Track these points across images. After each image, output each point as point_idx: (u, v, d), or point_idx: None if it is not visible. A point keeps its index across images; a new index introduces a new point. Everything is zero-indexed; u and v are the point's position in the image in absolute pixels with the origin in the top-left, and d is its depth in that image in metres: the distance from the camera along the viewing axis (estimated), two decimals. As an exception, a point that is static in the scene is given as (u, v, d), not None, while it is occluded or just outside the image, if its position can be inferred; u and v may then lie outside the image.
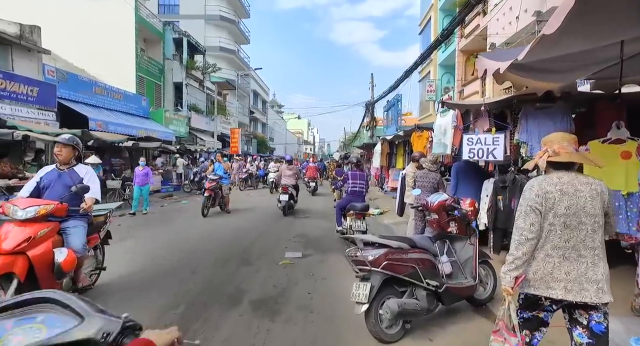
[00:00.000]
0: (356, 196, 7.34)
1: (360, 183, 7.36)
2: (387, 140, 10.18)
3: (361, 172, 7.58)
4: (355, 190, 7.33)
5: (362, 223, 6.94)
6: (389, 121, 24.46)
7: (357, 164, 7.57)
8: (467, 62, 16.68)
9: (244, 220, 9.55)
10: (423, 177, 6.48)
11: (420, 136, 7.29)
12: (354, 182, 7.32)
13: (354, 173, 7.39)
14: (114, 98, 17.57)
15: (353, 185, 7.30)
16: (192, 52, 24.76)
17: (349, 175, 7.36)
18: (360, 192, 7.39)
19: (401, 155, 9.55)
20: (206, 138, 24.49)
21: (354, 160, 7.56)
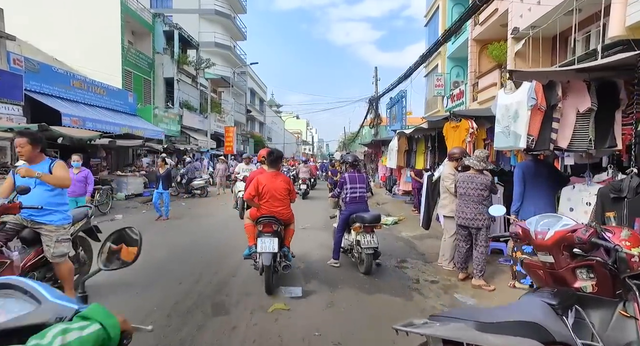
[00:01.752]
0: (358, 203, 5.46)
1: (360, 187, 5.47)
2: (405, 135, 8.18)
3: (360, 174, 5.65)
4: (355, 196, 5.42)
5: (373, 239, 5.09)
6: (392, 119, 22.63)
7: (353, 164, 5.64)
8: (482, 52, 14.82)
9: (227, 231, 7.66)
10: (467, 180, 4.61)
11: (456, 127, 5.41)
12: (352, 186, 5.40)
13: (352, 176, 5.45)
14: (95, 93, 15.64)
15: (352, 190, 5.39)
16: (185, 46, 22.83)
17: (346, 178, 5.39)
18: (362, 198, 5.51)
19: (422, 153, 7.67)
20: (199, 137, 22.57)
21: (349, 159, 5.63)
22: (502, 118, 3.63)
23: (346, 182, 5.47)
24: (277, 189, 4.50)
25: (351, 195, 5.46)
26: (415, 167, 7.90)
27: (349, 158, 5.67)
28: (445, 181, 4.99)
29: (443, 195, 5.11)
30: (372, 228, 5.17)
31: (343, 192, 5.53)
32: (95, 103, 15.40)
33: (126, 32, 19.10)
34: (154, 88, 20.75)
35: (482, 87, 13.78)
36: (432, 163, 7.49)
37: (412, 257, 5.84)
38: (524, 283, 4.04)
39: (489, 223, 4.50)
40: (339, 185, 5.59)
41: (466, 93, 15.47)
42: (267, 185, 4.49)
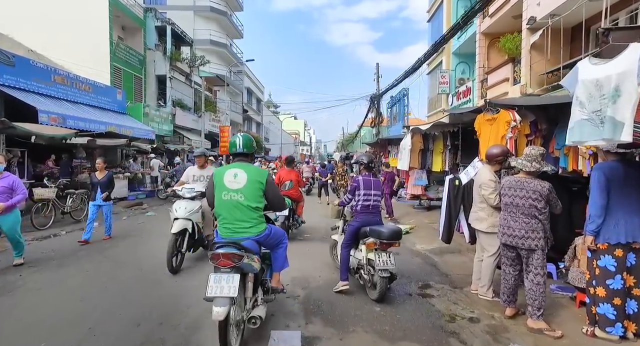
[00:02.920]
0: (371, 213, 4.36)
1: (375, 194, 4.36)
2: (420, 132, 6.76)
3: (375, 178, 4.51)
4: (368, 204, 4.31)
5: (390, 259, 3.98)
6: (393, 119, 21.51)
7: (368, 166, 4.51)
8: (491, 46, 13.73)
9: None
10: (515, 187, 3.49)
11: (492, 120, 4.27)
12: (367, 192, 4.30)
13: (366, 180, 4.39)
14: (80, 89, 14.41)
15: (365, 197, 4.34)
16: (178, 42, 21.63)
17: (360, 182, 4.34)
18: (376, 208, 4.39)
19: (440, 153, 6.52)
20: (193, 137, 21.36)
21: (364, 160, 4.47)
22: (590, 100, 2.48)
23: (359, 186, 4.33)
24: (289, 179, 6.55)
25: (364, 203, 4.32)
26: (432, 169, 6.72)
27: (363, 159, 4.51)
28: (485, 189, 3.85)
29: (480, 206, 3.97)
30: (390, 245, 4.04)
31: (355, 199, 4.40)
32: (79, 100, 14.18)
33: (115, 27, 17.93)
34: (145, 86, 19.54)
35: (492, 83, 12.69)
36: (451, 164, 6.37)
37: (435, 279, 4.70)
38: (611, 332, 2.90)
39: (543, 243, 3.37)
40: (351, 191, 4.44)
41: (473, 90, 14.39)
42: (284, 177, 6.96)
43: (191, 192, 5.27)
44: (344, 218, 4.95)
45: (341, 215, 4.99)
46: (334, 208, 5.13)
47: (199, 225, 5.33)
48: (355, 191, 4.38)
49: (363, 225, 4.30)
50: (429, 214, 9.29)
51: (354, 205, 4.42)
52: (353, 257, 4.44)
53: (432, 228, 7.66)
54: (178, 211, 5.07)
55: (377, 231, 4.03)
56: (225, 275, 2.63)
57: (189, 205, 5.14)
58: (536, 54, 10.64)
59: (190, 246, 5.21)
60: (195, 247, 5.42)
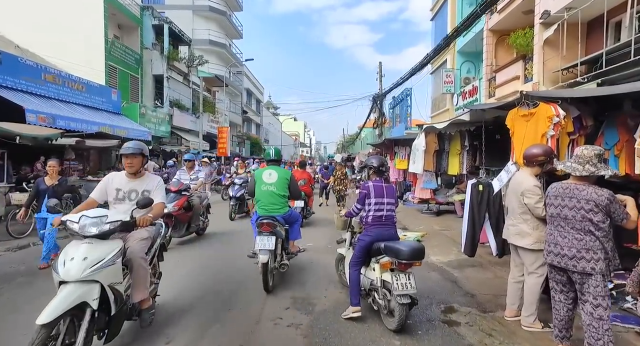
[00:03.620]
0: (385, 226, 3.68)
1: (389, 203, 3.69)
2: (435, 131, 5.88)
3: (388, 184, 3.80)
4: (381, 215, 3.65)
5: (410, 281, 3.32)
6: (395, 120, 20.83)
7: (379, 170, 3.84)
8: (499, 43, 13.09)
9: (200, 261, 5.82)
10: (563, 195, 2.83)
11: (529, 115, 3.57)
12: (379, 201, 3.69)
13: (377, 186, 3.72)
14: (73, 88, 13.76)
15: (377, 206, 3.68)
16: (176, 42, 20.96)
17: (370, 188, 3.68)
18: (390, 219, 3.71)
19: (456, 154, 5.81)
20: (191, 138, 20.69)
21: (374, 162, 3.83)
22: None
23: (370, 194, 3.66)
24: (302, 178, 8.26)
25: (375, 214, 3.65)
26: (449, 172, 6.02)
27: (373, 162, 3.83)
28: (529, 197, 3.15)
29: (522, 217, 3.26)
30: (410, 266, 3.37)
31: (365, 209, 3.73)
32: (71, 100, 13.53)
33: (111, 26, 17.28)
34: (141, 85, 18.88)
35: (501, 82, 12.03)
36: (469, 167, 5.69)
37: (459, 300, 4.02)
38: None
39: (603, 266, 2.68)
40: (360, 199, 3.77)
41: (480, 89, 13.73)
42: (298, 177, 7.54)
43: (98, 225, 2.62)
44: (351, 229, 4.27)
45: (348, 227, 4.31)
46: (339, 219, 4.46)
47: (117, 291, 2.62)
48: (364, 199, 3.69)
49: (376, 239, 3.62)
50: (439, 220, 8.61)
51: (364, 216, 3.73)
52: (364, 277, 3.76)
53: (445, 235, 6.98)
54: (64, 267, 2.40)
55: (394, 249, 3.35)
56: (266, 236, 4.14)
57: (93, 252, 2.49)
58: (549, 50, 9.99)
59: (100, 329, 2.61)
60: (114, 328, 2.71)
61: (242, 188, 9.55)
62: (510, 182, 3.35)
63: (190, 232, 6.70)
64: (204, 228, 7.37)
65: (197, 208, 6.66)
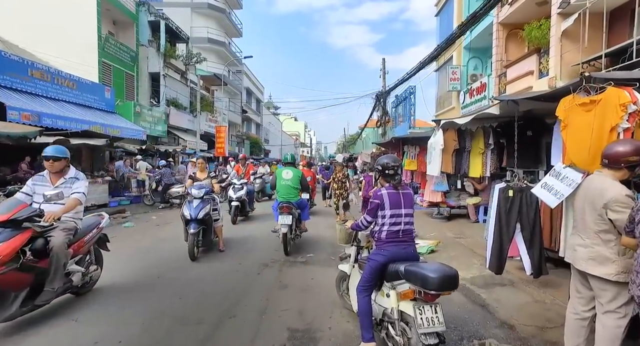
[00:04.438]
0: (402, 242, 2.92)
1: (407, 215, 2.97)
2: (454, 127, 4.98)
3: (406, 191, 3.07)
4: (397, 230, 2.92)
5: (437, 315, 2.56)
6: (398, 120, 20.05)
7: (395, 174, 2.99)
8: (510, 38, 12.32)
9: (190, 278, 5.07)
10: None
11: (592, 103, 2.77)
12: (395, 212, 2.93)
13: (393, 194, 2.94)
14: (63, 85, 13.00)
15: (394, 220, 2.92)
16: (173, 39, 20.20)
17: (384, 198, 2.91)
18: (408, 233, 2.97)
19: (479, 154, 5.09)
20: (189, 138, 19.93)
21: (388, 162, 2.98)
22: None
23: (384, 204, 2.90)
24: (308, 176, 8.62)
25: (391, 228, 2.89)
26: (469, 174, 5.22)
27: (387, 163, 2.99)
28: (619, 211, 2.29)
29: (603, 238, 2.42)
30: (439, 295, 2.61)
31: (378, 222, 2.98)
32: (61, 97, 12.78)
33: (105, 21, 16.53)
34: (137, 83, 18.12)
35: (513, 78, 11.25)
36: (494, 168, 4.92)
37: (495, 333, 3.23)
38: None
39: None
40: (371, 211, 2.98)
41: (489, 86, 12.95)
42: (305, 174, 7.15)
43: None
44: (357, 243, 3.50)
45: (353, 240, 3.54)
46: (342, 231, 3.66)
47: None
48: (377, 211, 2.92)
49: (392, 259, 2.85)
50: (451, 225, 7.85)
51: (376, 230, 2.97)
52: (375, 303, 2.99)
53: (461, 244, 6.22)
54: None
55: (419, 275, 2.57)
56: (285, 215, 5.67)
57: None
58: (568, 42, 9.23)
59: None
60: None
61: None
62: (583, 189, 2.57)
63: (39, 303, 3.24)
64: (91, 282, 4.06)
65: (59, 253, 3.25)
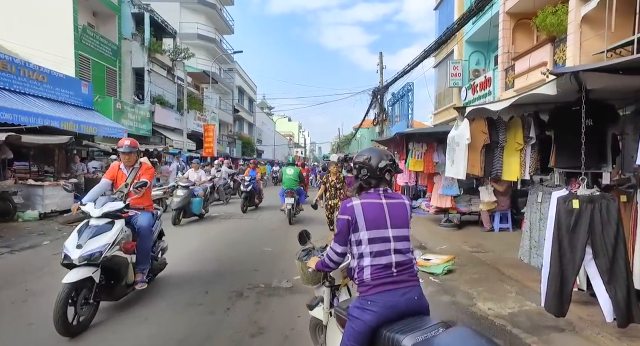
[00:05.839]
0: (399, 285, 1.69)
1: (399, 236, 1.75)
2: (484, 115, 3.73)
3: (394, 200, 1.82)
4: (387, 263, 1.71)
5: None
6: (394, 119, 18.87)
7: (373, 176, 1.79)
8: (518, 28, 11.23)
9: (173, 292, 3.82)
10: None
11: None
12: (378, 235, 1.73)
13: (371, 205, 1.75)
14: (31, 78, 11.64)
15: (377, 246, 1.71)
16: (159, 33, 18.87)
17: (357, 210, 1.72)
18: (407, 267, 1.73)
19: (516, 151, 3.65)
20: (176, 137, 18.60)
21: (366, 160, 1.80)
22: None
23: (356, 222, 1.72)
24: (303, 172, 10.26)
25: (375, 262, 1.69)
26: (503, 177, 3.97)
27: (366, 159, 1.81)
28: None
29: None
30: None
31: (353, 252, 1.77)
32: (28, 91, 11.41)
33: (84, 12, 15.15)
34: (120, 79, 16.75)
35: (522, 71, 10.12)
36: (535, 169, 3.72)
37: None
38: None
39: None
40: (338, 235, 1.78)
41: (495, 80, 11.85)
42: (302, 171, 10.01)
43: None
44: (330, 282, 2.19)
45: (323, 278, 2.21)
46: (303, 269, 2.36)
47: None
48: (348, 233, 1.75)
49: (385, 319, 1.64)
50: (464, 235, 6.66)
51: (354, 266, 1.77)
52: None
53: (482, 261, 5.03)
54: None
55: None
56: (289, 197, 8.30)
57: None
58: (588, 29, 8.13)
59: None
60: None
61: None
62: None
63: None
64: None
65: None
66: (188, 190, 8.27)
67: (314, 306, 2.39)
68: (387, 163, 1.79)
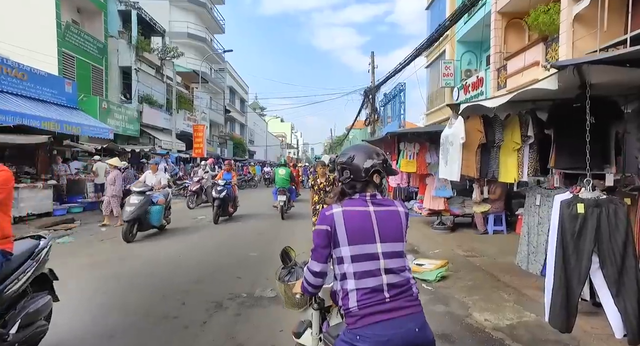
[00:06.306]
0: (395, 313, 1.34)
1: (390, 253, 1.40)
2: (480, 112, 3.45)
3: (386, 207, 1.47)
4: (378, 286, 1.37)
5: None
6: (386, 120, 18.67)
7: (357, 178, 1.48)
8: (510, 27, 11.10)
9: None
10: None
11: None
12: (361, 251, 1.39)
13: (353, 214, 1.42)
14: (10, 76, 11.16)
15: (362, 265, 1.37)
16: (147, 31, 18.39)
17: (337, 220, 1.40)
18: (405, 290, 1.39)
19: (514, 151, 3.35)
20: (164, 137, 18.14)
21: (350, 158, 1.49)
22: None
23: (335, 235, 1.40)
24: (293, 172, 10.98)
25: (362, 285, 1.36)
26: (500, 179, 3.71)
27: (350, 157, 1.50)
28: None
29: None
30: None
31: (335, 273, 1.44)
32: (5, 88, 10.93)
33: (68, 8, 14.65)
34: (106, 78, 16.24)
35: (515, 70, 9.98)
36: (535, 170, 3.49)
37: None
38: None
39: None
40: (315, 250, 1.45)
41: (487, 80, 11.71)
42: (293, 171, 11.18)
43: None
44: (318, 304, 1.82)
45: (310, 301, 1.85)
46: (287, 292, 2.02)
47: None
48: (327, 247, 1.43)
49: None
50: (457, 238, 6.44)
51: (337, 290, 1.45)
52: None
53: (477, 266, 4.80)
54: None
55: None
56: (282, 195, 9.07)
57: None
58: (581, 27, 8.00)
59: None
60: None
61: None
62: None
63: None
64: None
65: None
66: (144, 197, 6.69)
67: (301, 333, 2.00)
68: (375, 162, 1.47)
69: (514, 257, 4.96)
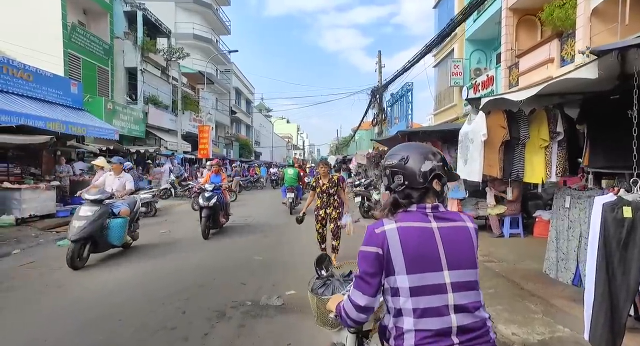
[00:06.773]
0: None
1: (458, 284, 1.09)
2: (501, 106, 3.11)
3: (452, 223, 1.18)
4: (443, 328, 1.04)
5: None
6: (393, 120, 18.35)
7: (411, 186, 1.17)
8: (521, 25, 10.75)
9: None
10: None
11: None
12: (425, 281, 1.07)
13: (413, 232, 1.10)
14: (15, 76, 11.06)
15: (426, 300, 1.06)
16: (153, 32, 18.31)
17: (392, 241, 1.09)
18: (482, 334, 1.08)
19: (541, 148, 3.02)
20: (170, 138, 18.01)
21: (402, 159, 1.19)
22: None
23: (390, 259, 1.08)
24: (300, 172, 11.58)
25: (424, 326, 1.04)
26: (525, 179, 3.36)
27: (401, 159, 1.19)
28: None
29: None
30: None
31: (387, 305, 1.13)
32: (11, 89, 10.83)
33: (74, 10, 14.60)
34: (112, 79, 16.16)
35: (527, 68, 9.63)
36: (563, 168, 3.17)
37: None
38: None
39: None
40: (360, 279, 1.14)
41: (497, 79, 11.36)
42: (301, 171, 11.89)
43: None
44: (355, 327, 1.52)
45: None
46: (320, 307, 1.75)
47: None
48: (378, 276, 1.12)
49: None
50: (471, 242, 6.11)
51: (389, 327, 1.12)
52: None
53: (496, 272, 4.48)
54: None
55: None
56: (291, 192, 10.15)
57: None
58: (598, 22, 7.65)
59: None
60: None
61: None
62: None
63: None
64: None
65: None
66: (101, 208, 4.94)
67: None
68: (435, 164, 1.16)
69: (533, 262, 4.66)
